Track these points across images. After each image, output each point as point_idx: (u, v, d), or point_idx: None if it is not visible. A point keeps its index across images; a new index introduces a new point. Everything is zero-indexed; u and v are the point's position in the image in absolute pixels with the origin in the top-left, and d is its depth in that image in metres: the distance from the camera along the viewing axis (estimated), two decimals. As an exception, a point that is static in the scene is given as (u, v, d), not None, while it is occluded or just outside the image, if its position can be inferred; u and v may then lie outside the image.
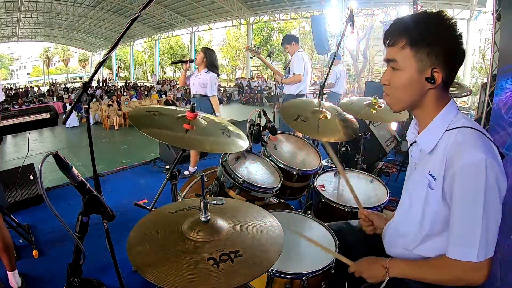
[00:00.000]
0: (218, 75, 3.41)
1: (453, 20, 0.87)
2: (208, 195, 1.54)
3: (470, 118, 0.94)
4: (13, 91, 18.83)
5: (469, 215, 0.84)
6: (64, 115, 1.34)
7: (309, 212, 1.88)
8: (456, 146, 0.87)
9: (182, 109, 1.41)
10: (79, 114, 11.14)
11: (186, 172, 3.59)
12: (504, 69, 2.94)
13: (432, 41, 0.86)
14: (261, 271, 0.81)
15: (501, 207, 0.84)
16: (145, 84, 21.28)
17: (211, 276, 0.75)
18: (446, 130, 0.92)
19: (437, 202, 0.93)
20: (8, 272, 1.79)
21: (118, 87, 18.30)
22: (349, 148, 2.61)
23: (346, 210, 1.59)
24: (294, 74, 3.62)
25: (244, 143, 1.37)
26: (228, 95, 17.59)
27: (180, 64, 3.50)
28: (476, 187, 0.82)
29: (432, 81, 0.88)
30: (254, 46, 3.63)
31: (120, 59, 29.90)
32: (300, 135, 2.19)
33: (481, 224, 0.83)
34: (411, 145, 1.06)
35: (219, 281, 0.74)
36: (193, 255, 0.81)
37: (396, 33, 0.91)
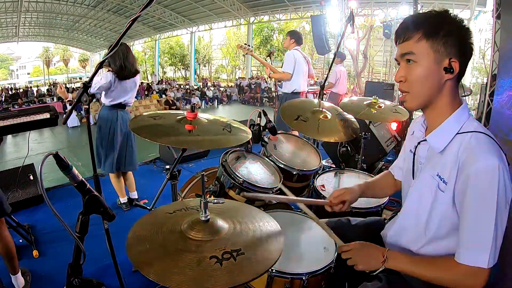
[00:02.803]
0: (114, 68, 2.51)
1: (461, 18, 0.90)
2: (208, 195, 1.54)
3: (480, 123, 0.94)
4: (13, 91, 18.83)
5: (482, 219, 0.83)
6: (64, 115, 1.34)
7: (309, 212, 1.87)
8: (470, 150, 0.86)
9: (179, 112, 1.42)
10: (79, 114, 11.16)
11: (119, 202, 2.92)
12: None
13: (447, 32, 0.88)
14: (264, 268, 0.81)
15: (507, 214, 0.84)
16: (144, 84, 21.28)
17: (215, 274, 0.76)
18: (458, 133, 0.92)
19: (446, 205, 0.92)
20: (11, 276, 1.79)
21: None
22: (349, 148, 2.61)
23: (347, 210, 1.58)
24: (283, 72, 3.70)
25: (246, 136, 1.36)
26: (228, 95, 17.61)
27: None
28: (490, 191, 0.82)
29: (451, 70, 0.89)
30: (245, 44, 3.65)
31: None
32: (296, 133, 2.19)
33: (493, 229, 0.82)
34: (418, 143, 1.05)
35: (224, 279, 0.75)
36: (195, 254, 0.81)
37: (410, 28, 0.92)
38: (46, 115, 2.09)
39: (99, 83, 2.50)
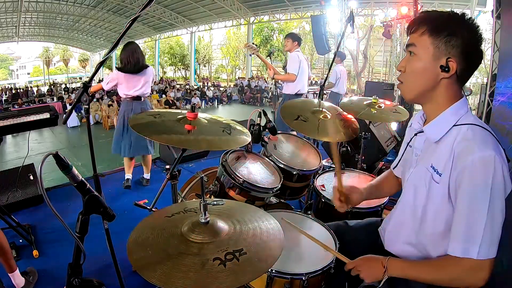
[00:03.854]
0: (118, 68, 2.93)
1: (477, 23, 0.90)
2: (208, 195, 1.54)
3: (478, 118, 0.95)
4: (13, 91, 18.84)
5: (473, 210, 0.83)
6: (64, 115, 1.34)
7: (309, 212, 1.87)
8: (466, 141, 0.87)
9: (179, 111, 1.41)
10: (79, 114, 11.17)
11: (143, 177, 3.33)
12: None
13: (451, 31, 0.88)
14: (267, 267, 0.82)
15: (504, 208, 0.84)
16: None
17: (220, 276, 0.76)
18: (455, 125, 0.92)
19: (441, 198, 0.92)
20: (9, 274, 1.78)
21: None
22: (349, 148, 2.61)
23: (346, 210, 1.58)
24: (288, 73, 3.69)
25: (245, 138, 1.36)
26: (228, 95, 17.62)
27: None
28: (484, 182, 0.82)
29: (446, 69, 0.90)
30: (253, 43, 3.64)
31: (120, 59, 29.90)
32: (294, 133, 2.19)
33: (485, 221, 0.82)
34: (415, 134, 1.06)
35: (229, 280, 0.75)
36: (198, 257, 0.81)
37: (419, 21, 0.94)
38: (46, 115, 2.09)
39: (106, 79, 2.98)
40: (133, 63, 2.87)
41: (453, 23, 0.90)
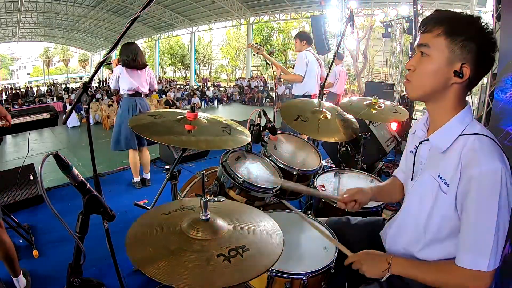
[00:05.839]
0: (123, 64, 2.98)
1: (491, 29, 0.88)
2: (208, 195, 1.54)
3: (484, 126, 0.94)
4: (13, 91, 18.83)
5: (483, 222, 0.83)
6: (64, 115, 1.34)
7: (309, 212, 1.88)
8: (473, 152, 0.86)
9: (180, 111, 1.41)
10: (79, 114, 11.17)
11: (133, 181, 3.32)
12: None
13: (469, 36, 0.86)
14: (270, 262, 0.82)
15: (509, 219, 0.84)
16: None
17: (226, 272, 0.76)
18: (461, 134, 0.91)
19: (448, 207, 0.91)
20: (13, 278, 1.78)
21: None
22: (349, 148, 2.61)
23: (346, 210, 1.58)
24: (294, 74, 3.59)
25: (245, 138, 1.36)
26: (228, 95, 17.62)
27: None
28: (492, 195, 0.82)
29: (461, 75, 0.88)
30: (256, 43, 3.55)
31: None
32: (305, 137, 2.17)
33: (493, 234, 0.82)
34: (420, 143, 1.04)
35: (236, 275, 0.75)
36: (202, 253, 0.81)
37: (435, 21, 0.90)
38: (46, 115, 2.09)
39: (111, 79, 3.08)
40: (138, 60, 3.01)
41: (470, 27, 0.86)
